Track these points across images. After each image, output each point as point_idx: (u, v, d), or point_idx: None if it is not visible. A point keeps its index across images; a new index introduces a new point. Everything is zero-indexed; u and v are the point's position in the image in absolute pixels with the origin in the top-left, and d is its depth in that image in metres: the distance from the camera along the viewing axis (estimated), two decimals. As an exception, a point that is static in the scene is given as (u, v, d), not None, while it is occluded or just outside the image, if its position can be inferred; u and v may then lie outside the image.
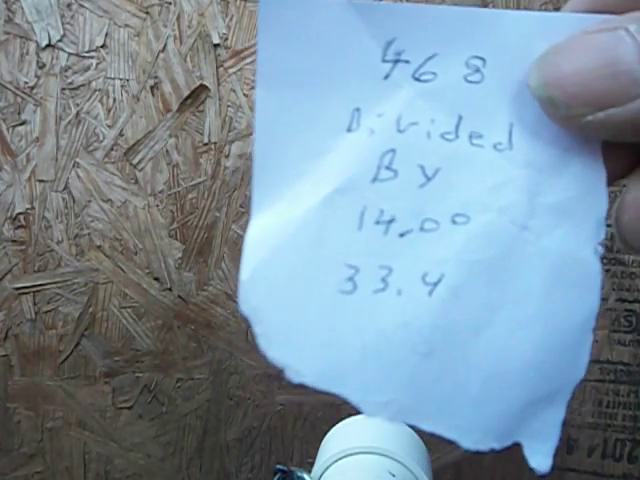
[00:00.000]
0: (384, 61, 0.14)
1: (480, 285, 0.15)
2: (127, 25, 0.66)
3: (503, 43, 0.15)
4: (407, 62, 0.14)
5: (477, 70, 0.15)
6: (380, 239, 0.14)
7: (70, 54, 0.66)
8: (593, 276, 0.15)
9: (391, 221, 0.14)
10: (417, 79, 0.14)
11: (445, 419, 0.15)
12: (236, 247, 0.68)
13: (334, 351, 0.14)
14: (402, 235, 0.14)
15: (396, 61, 0.14)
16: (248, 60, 0.66)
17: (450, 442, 0.15)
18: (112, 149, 0.67)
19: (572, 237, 0.15)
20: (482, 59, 0.15)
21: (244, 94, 0.66)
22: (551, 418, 0.15)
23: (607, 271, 0.64)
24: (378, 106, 0.14)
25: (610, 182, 0.16)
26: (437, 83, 0.15)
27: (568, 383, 0.15)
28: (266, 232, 0.14)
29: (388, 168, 0.14)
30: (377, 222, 0.14)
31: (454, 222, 0.14)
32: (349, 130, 0.14)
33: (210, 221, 0.68)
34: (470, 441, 0.15)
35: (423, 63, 0.14)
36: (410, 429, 0.45)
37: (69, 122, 0.67)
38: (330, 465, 0.41)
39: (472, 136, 0.15)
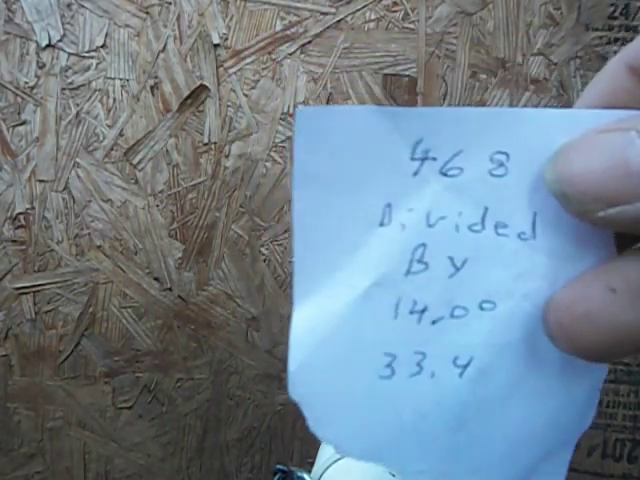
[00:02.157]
0: (413, 159, 0.15)
1: (506, 365, 0.16)
2: (127, 25, 0.66)
3: (525, 138, 0.15)
4: (434, 159, 0.15)
5: (501, 164, 0.15)
6: (414, 327, 0.15)
7: (70, 54, 0.66)
8: None
9: (424, 310, 0.15)
10: (444, 174, 0.15)
11: (474, 479, 0.16)
12: (236, 247, 0.68)
13: (376, 430, 0.16)
14: (434, 322, 0.15)
15: (424, 159, 0.15)
16: (248, 60, 0.66)
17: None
18: (112, 149, 0.67)
19: None
20: (505, 154, 0.15)
21: (244, 94, 0.66)
22: (561, 459, 0.17)
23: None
24: (408, 201, 0.15)
25: None
26: (463, 177, 0.15)
27: (578, 432, 0.17)
28: (310, 324, 0.15)
29: (420, 261, 0.15)
30: (411, 312, 0.15)
31: (482, 308, 0.16)
32: (382, 225, 0.15)
33: (210, 221, 0.68)
34: None
35: (450, 159, 0.15)
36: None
37: (69, 122, 0.67)
38: (330, 465, 0.41)
39: (498, 226, 0.15)
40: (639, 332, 0.14)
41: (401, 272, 0.15)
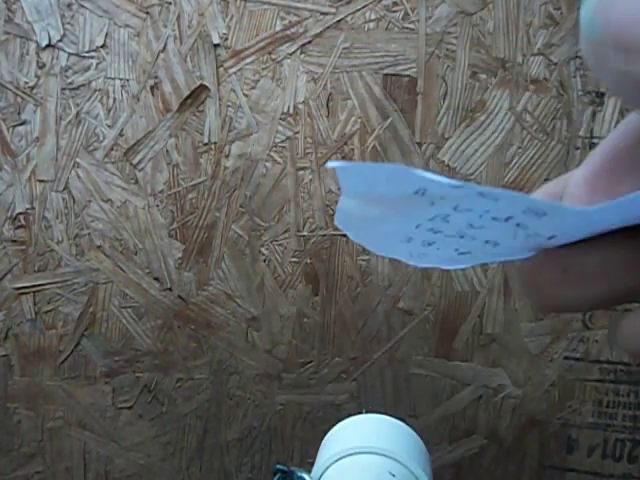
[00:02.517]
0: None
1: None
2: (127, 25, 0.66)
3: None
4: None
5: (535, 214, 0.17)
6: (431, 235, 0.20)
7: (70, 54, 0.66)
8: None
9: (439, 232, 0.19)
10: (482, 194, 0.17)
11: (448, 263, 0.22)
12: (236, 247, 0.68)
13: (392, 248, 0.22)
14: (446, 237, 0.20)
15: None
16: (248, 60, 0.66)
17: (450, 443, 0.16)
18: (112, 149, 0.67)
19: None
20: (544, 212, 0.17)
21: (244, 94, 0.66)
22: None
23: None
24: (441, 193, 0.18)
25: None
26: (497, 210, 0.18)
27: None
28: (356, 200, 0.19)
29: (442, 219, 0.19)
30: (429, 229, 0.19)
31: (486, 242, 0.20)
32: (416, 193, 0.18)
33: (210, 221, 0.68)
34: (457, 267, 0.22)
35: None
36: (410, 429, 0.45)
37: (69, 122, 0.67)
38: (330, 465, 0.41)
39: (520, 225, 0.18)
40: (578, 305, 0.17)
41: (425, 217, 0.19)
